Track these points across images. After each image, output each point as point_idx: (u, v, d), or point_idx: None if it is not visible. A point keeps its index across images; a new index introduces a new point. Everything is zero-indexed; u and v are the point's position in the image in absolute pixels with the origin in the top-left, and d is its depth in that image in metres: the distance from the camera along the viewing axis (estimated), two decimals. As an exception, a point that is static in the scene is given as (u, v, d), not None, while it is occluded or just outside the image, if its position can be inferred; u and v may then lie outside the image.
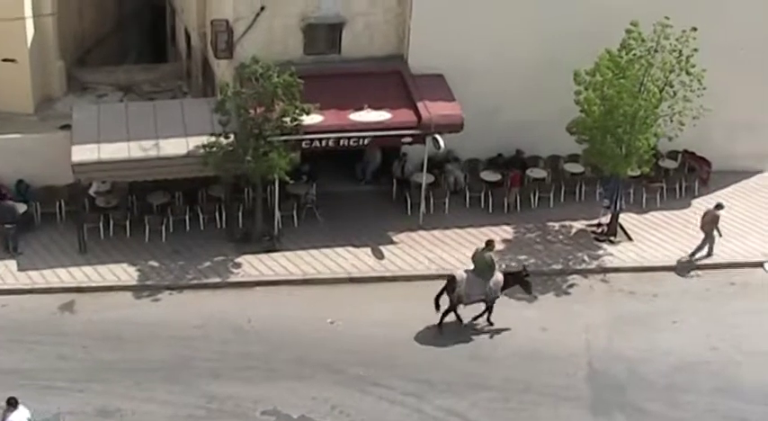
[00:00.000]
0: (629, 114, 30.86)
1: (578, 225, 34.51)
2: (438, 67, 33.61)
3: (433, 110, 32.28)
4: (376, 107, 32.29)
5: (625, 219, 34.46)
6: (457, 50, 33.65)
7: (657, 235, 34.38)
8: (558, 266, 32.28)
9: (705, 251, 33.43)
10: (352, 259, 31.75)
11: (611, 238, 33.75)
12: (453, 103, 32.75)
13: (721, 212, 33.12)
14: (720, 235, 33.28)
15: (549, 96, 33.68)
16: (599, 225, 34.26)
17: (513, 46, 34.17)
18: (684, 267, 32.88)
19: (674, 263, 32.93)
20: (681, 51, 30.89)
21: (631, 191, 35.25)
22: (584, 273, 32.11)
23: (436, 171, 34.72)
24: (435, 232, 33.35)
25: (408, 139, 32.70)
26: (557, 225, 34.41)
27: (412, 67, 33.85)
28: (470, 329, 29.14)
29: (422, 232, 33.31)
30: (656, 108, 31.22)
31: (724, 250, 33.56)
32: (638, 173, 33.53)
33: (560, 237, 33.85)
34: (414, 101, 32.66)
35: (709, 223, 33.14)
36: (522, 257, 32.26)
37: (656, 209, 35.68)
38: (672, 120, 31.52)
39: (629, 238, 33.93)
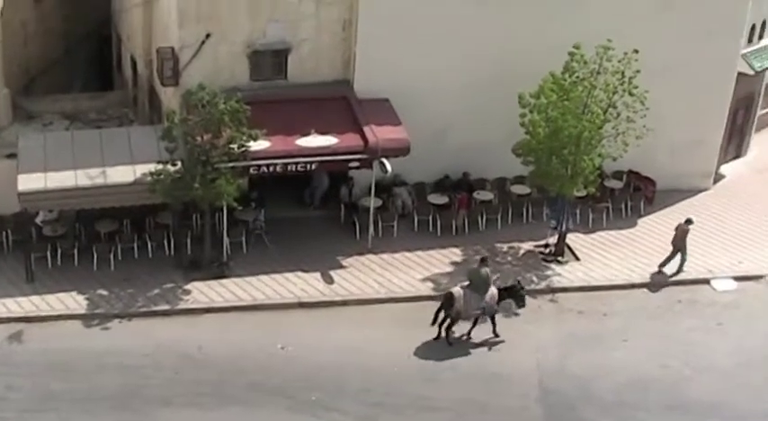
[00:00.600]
0: (574, 135, 31.17)
1: (526, 246, 34.73)
2: (384, 91, 33.76)
3: (380, 134, 32.42)
4: (323, 132, 32.37)
5: (572, 239, 34.74)
6: (402, 74, 33.84)
7: (605, 254, 34.69)
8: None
9: (675, 266, 34.02)
10: (301, 284, 31.74)
11: (559, 259, 34.00)
12: (399, 127, 32.91)
13: (691, 227, 33.72)
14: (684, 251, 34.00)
15: (494, 119, 33.98)
16: (546, 245, 34.51)
17: (458, 69, 34.42)
18: (657, 282, 33.46)
19: (622, 281, 33.24)
20: (623, 73, 31.29)
21: (578, 211, 35.52)
22: (534, 293, 32.21)
23: (384, 195, 34.83)
24: (384, 256, 33.43)
25: (355, 164, 32.79)
26: (505, 246, 34.59)
27: (358, 91, 33.98)
28: (425, 350, 29.30)
29: (371, 256, 33.37)
30: (600, 129, 31.57)
31: (669, 268, 33.94)
32: (584, 193, 33.86)
33: (509, 258, 34.04)
34: (360, 125, 32.79)
35: (680, 237, 33.76)
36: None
37: (602, 228, 36.00)
38: (616, 141, 31.88)
39: (577, 258, 34.21)
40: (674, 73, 36.13)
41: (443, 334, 29.52)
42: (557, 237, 34.18)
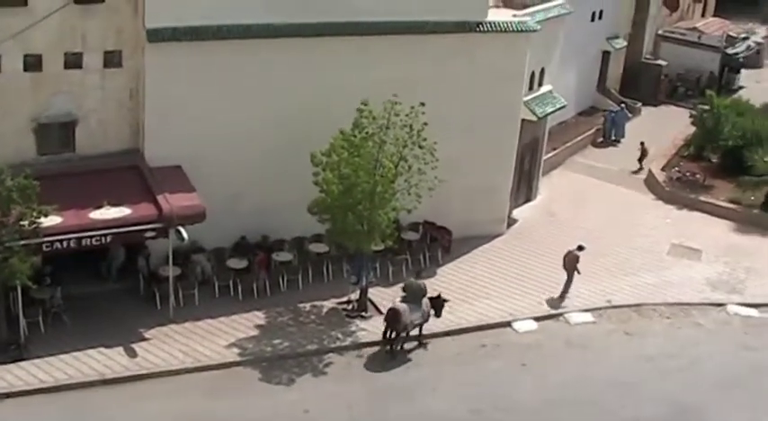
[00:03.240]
0: (368, 191, 31.52)
1: (329, 304, 34.79)
2: (175, 158, 33.44)
3: (174, 202, 32.07)
4: (116, 204, 31.83)
5: (374, 293, 34.99)
6: (193, 140, 33.65)
7: (407, 306, 35.02)
8: (313, 347, 32.40)
9: (565, 290, 36.06)
10: (104, 360, 30.91)
11: (363, 314, 34.18)
12: (193, 194, 32.63)
13: (581, 253, 35.86)
14: (579, 272, 36.03)
15: (289, 179, 34.10)
16: (349, 301, 34.66)
17: (250, 132, 34.44)
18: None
19: (426, 331, 33.54)
20: (411, 126, 31.87)
21: (377, 265, 35.86)
22: (340, 350, 32.35)
23: (183, 263, 34.40)
24: (187, 324, 32.93)
25: (151, 234, 32.31)
26: (308, 306, 34.56)
27: (149, 160, 33.58)
28: (236, 418, 28.95)
29: (173, 326, 32.82)
30: (392, 183, 32.01)
31: (471, 313, 34.66)
32: (382, 247, 34.23)
33: (312, 317, 34.04)
34: (153, 194, 32.39)
35: (571, 263, 35.45)
36: (277, 341, 32.26)
37: (402, 280, 36.24)
38: (409, 193, 32.34)
39: (380, 312, 34.36)
40: (462, 123, 37.07)
41: (395, 347, 32.19)
42: (358, 292, 34.38)
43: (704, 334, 35.51)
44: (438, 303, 33.45)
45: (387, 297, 35.15)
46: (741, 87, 63.31)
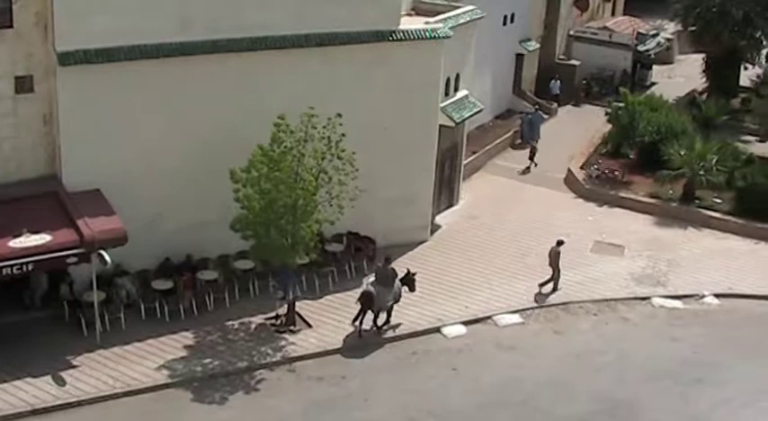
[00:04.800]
0: (289, 205, 31.48)
1: (257, 320, 34.62)
2: (94, 182, 33.10)
3: (94, 226, 31.71)
4: (35, 231, 31.42)
5: (302, 306, 34.88)
6: (110, 163, 33.37)
7: (336, 317, 34.99)
8: (243, 364, 32.23)
9: (551, 286, 37.64)
10: (32, 390, 30.44)
11: (291, 328, 34.09)
12: (114, 217, 32.28)
13: (562, 248, 37.45)
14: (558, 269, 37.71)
15: (210, 197, 34.01)
16: (277, 317, 34.56)
17: (168, 152, 34.28)
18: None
19: (356, 342, 33.61)
20: (329, 138, 31.92)
21: (303, 278, 35.77)
22: (271, 366, 32.23)
23: (107, 287, 34.02)
24: (115, 349, 32.56)
25: (73, 260, 31.95)
26: (236, 323, 34.38)
27: (67, 185, 33.23)
28: None
29: (101, 351, 32.41)
30: (313, 195, 31.98)
31: (402, 321, 34.63)
32: (307, 260, 34.18)
33: (241, 334, 33.86)
34: (73, 220, 32.03)
35: (554, 259, 37.30)
36: (207, 361, 32.06)
37: (329, 292, 36.39)
38: (331, 205, 32.37)
39: (309, 325, 34.39)
40: (381, 132, 37.18)
41: (376, 326, 34.33)
42: (286, 307, 34.29)
43: (631, 328, 35.94)
44: (409, 280, 35.34)
45: (315, 310, 35.20)
46: (654, 83, 64.18)
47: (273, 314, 34.65)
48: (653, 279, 39.12)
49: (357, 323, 33.97)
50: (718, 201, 45.32)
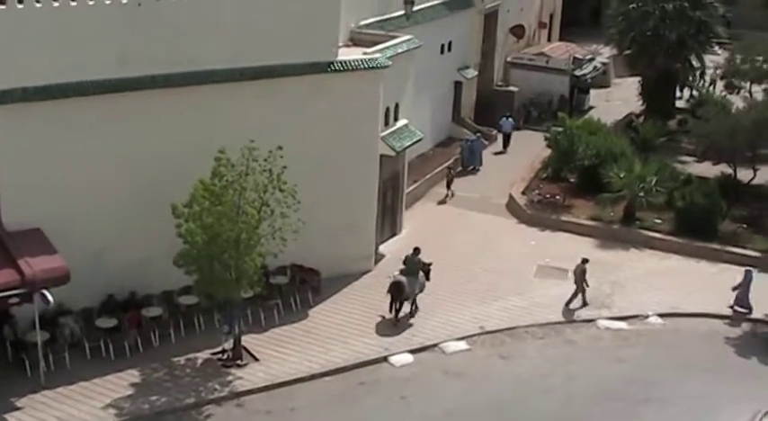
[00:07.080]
0: (232, 239, 31.37)
1: (203, 355, 34.40)
2: (34, 220, 32.79)
3: (35, 265, 31.35)
4: (-25, 272, 31.17)
5: (248, 340, 34.75)
6: (51, 201, 33.06)
7: (282, 350, 34.88)
8: (191, 400, 31.98)
9: (580, 302, 38.80)
10: (-25, 435, 30.22)
11: (238, 362, 33.92)
12: (55, 256, 31.96)
13: (587, 265, 38.74)
14: (588, 286, 38.76)
15: (152, 233, 33.82)
16: (223, 351, 34.37)
17: (108, 188, 34.04)
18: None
19: (303, 374, 33.51)
20: (271, 170, 31.87)
21: (249, 312, 35.66)
22: (218, 401, 32.02)
23: (50, 327, 33.67)
24: (60, 389, 32.17)
25: (15, 300, 31.58)
26: (182, 359, 34.13)
27: (6, 225, 32.88)
28: None
29: (46, 392, 32.01)
30: (256, 229, 31.89)
31: (347, 352, 34.70)
32: (252, 293, 34.06)
33: (187, 370, 33.62)
34: (14, 259, 31.67)
35: (580, 276, 38.48)
36: (154, 398, 31.79)
37: (275, 325, 36.25)
38: (274, 238, 32.24)
39: (256, 359, 34.23)
40: (322, 163, 37.26)
41: (398, 316, 36.79)
42: (232, 341, 34.14)
43: (577, 350, 36.15)
44: (426, 269, 38.01)
45: (261, 343, 35.03)
46: (591, 107, 64.95)
47: (220, 348, 34.47)
48: (597, 301, 39.34)
49: (393, 312, 36.72)
50: (659, 221, 45.85)
